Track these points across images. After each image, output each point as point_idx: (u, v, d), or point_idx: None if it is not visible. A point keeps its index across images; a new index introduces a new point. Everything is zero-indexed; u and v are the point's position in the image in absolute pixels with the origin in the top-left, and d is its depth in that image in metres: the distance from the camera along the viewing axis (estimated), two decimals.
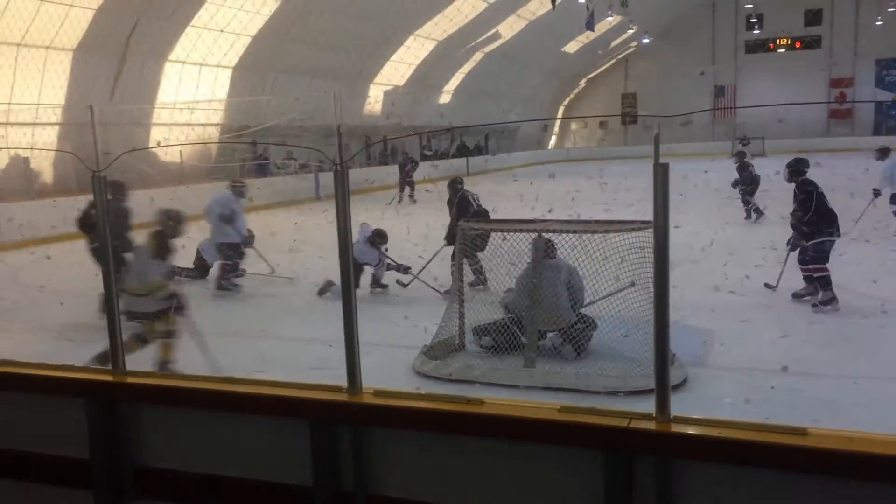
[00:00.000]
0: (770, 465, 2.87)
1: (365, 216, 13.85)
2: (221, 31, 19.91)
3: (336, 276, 3.59)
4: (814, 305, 7.37)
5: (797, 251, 7.71)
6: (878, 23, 37.33)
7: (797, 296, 7.69)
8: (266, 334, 7.22)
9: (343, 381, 3.48)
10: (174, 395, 3.57)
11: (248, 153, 21.92)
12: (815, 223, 7.48)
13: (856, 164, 17.27)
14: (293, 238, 11.82)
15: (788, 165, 8.05)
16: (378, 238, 9.03)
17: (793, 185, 7.86)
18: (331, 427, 3.34)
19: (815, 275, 7.46)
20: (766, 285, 7.93)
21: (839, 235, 7.58)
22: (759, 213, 13.78)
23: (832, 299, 7.32)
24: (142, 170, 14.38)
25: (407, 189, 20.58)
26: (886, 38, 38.16)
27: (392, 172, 21.86)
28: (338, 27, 22.17)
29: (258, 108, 21.89)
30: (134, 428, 3.62)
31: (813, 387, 5.35)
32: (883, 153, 11.85)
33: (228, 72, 21.54)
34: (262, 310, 8.50)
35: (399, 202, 19.47)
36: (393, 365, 5.96)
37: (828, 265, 7.41)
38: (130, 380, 3.67)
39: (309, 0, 20.58)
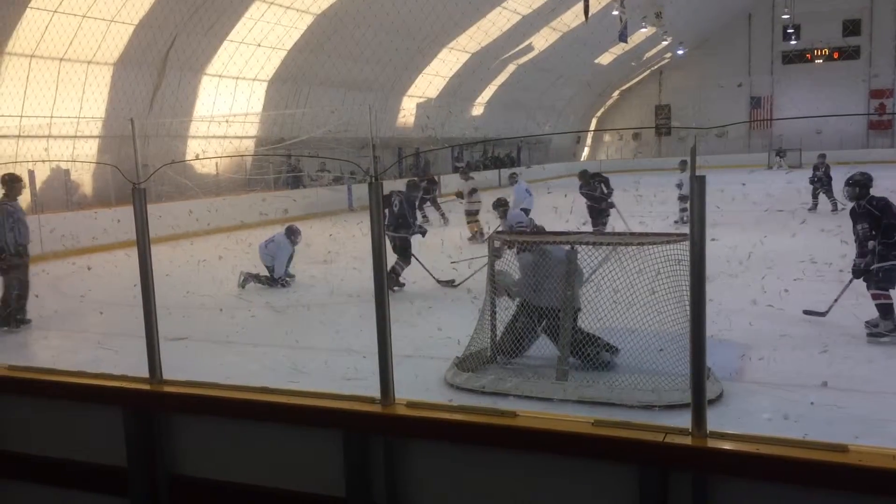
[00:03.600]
0: (809, 482, 2.82)
1: None
2: (258, 45, 20.23)
3: (369, 286, 3.61)
4: (870, 334, 6.62)
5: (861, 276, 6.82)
6: None
7: (871, 325, 6.74)
8: (300, 345, 7.27)
9: (376, 392, 3.50)
10: (210, 404, 3.62)
11: (282, 165, 22.17)
12: (890, 245, 6.62)
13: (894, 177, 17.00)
14: (327, 249, 11.92)
15: (855, 182, 7.03)
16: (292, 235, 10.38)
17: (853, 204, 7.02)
18: (364, 438, 3.36)
19: (876, 301, 6.69)
20: (811, 312, 7.18)
21: None
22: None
23: (892, 331, 6.56)
24: (180, 182, 14.64)
25: (434, 213, 18.85)
26: None
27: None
28: (372, 40, 22.39)
29: (293, 121, 22.17)
30: (170, 436, 3.67)
31: (854, 403, 5.22)
32: None
33: (264, 85, 21.87)
34: (296, 320, 8.57)
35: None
36: (425, 376, 5.95)
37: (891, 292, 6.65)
38: (167, 389, 3.73)
39: (344, 13, 20.82)
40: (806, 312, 7.17)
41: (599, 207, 13.72)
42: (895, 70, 40.08)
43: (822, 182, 17.08)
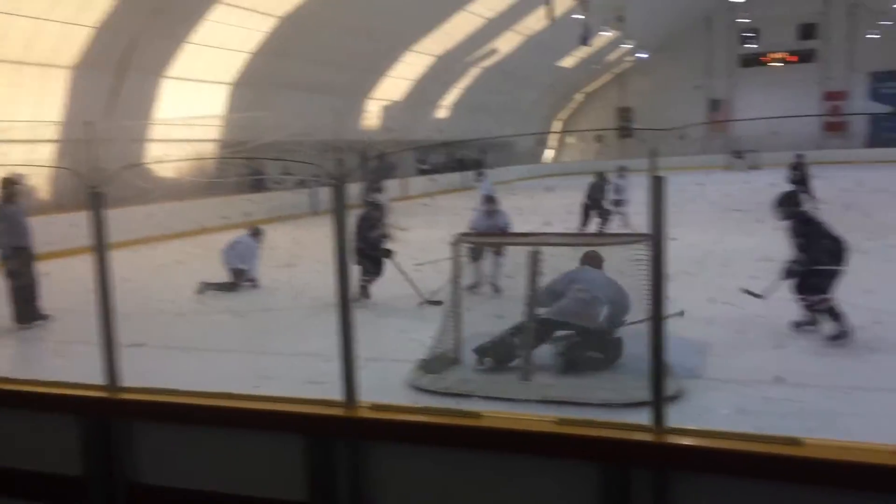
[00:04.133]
0: (765, 475, 2.87)
1: None
2: (220, 48, 20.01)
3: (330, 290, 3.60)
4: (830, 338, 6.70)
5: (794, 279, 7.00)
6: (872, 36, 37.59)
7: (798, 325, 7.02)
8: (263, 349, 7.22)
9: (340, 396, 3.48)
10: (170, 411, 3.57)
11: (245, 169, 21.95)
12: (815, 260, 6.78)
13: (849, 177, 17.41)
14: (290, 253, 11.83)
15: (781, 203, 7.22)
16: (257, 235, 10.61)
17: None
18: (327, 442, 3.34)
19: (821, 307, 6.77)
20: (749, 292, 7.34)
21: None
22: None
23: (846, 333, 6.66)
24: (139, 186, 14.42)
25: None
26: (880, 51, 38.43)
27: (392, 188, 21.72)
28: (336, 43, 22.30)
29: (256, 125, 21.96)
30: (128, 444, 3.61)
31: (808, 397, 5.36)
32: None
33: (227, 88, 21.64)
34: (259, 325, 8.51)
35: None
36: (389, 379, 5.95)
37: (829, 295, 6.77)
38: (125, 396, 3.67)
39: (308, 16, 20.71)
40: (744, 291, 7.36)
41: (606, 208, 14.21)
42: (849, 73, 41.10)
43: (800, 182, 17.05)
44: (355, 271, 8.95)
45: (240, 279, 10.52)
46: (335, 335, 3.56)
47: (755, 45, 42.26)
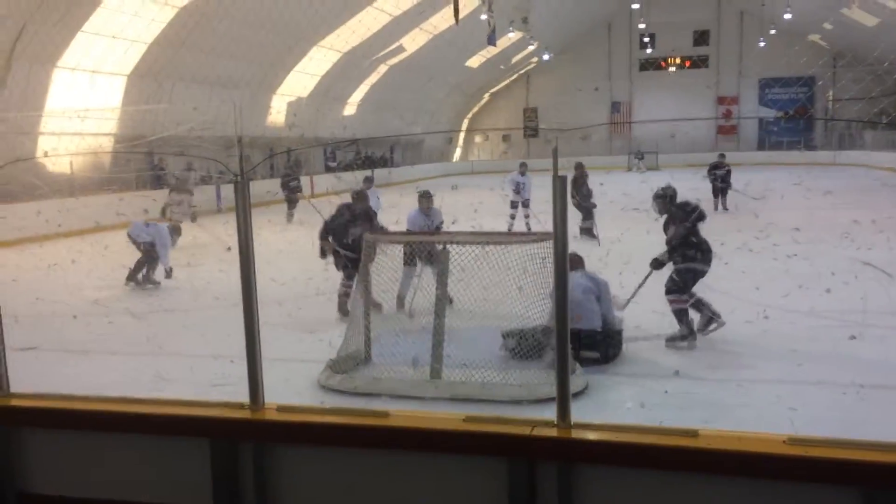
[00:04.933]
0: (664, 466, 2.99)
1: (268, 229, 13.61)
2: (114, 37, 19.17)
3: (237, 290, 3.52)
4: (668, 339, 6.77)
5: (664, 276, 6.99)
6: (761, 44, 39.72)
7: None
8: (163, 351, 6.97)
9: (245, 398, 3.41)
10: (63, 417, 3.40)
11: (144, 164, 21.13)
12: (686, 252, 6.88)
13: (740, 178, 18.35)
14: (192, 252, 11.48)
15: (660, 196, 7.31)
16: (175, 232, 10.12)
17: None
18: (232, 445, 3.26)
19: (672, 306, 6.82)
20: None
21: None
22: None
23: (686, 336, 6.74)
24: (28, 181, 13.65)
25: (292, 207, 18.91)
26: (768, 58, 40.64)
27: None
28: (239, 36, 21.74)
29: (154, 118, 21.17)
30: (19, 453, 3.42)
31: (703, 390, 5.61)
32: None
33: (123, 79, 20.75)
34: (158, 326, 8.20)
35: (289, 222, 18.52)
36: (296, 380, 5.86)
37: (686, 297, 6.83)
38: (15, 402, 3.48)
39: (209, 7, 20.09)
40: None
41: (587, 206, 13.90)
42: (739, 78, 43.29)
43: (722, 181, 17.62)
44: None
45: (151, 255, 10.04)
46: (239, 336, 3.48)
47: (653, 50, 43.92)
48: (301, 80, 27.78)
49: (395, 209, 11.31)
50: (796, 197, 18.05)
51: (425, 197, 9.30)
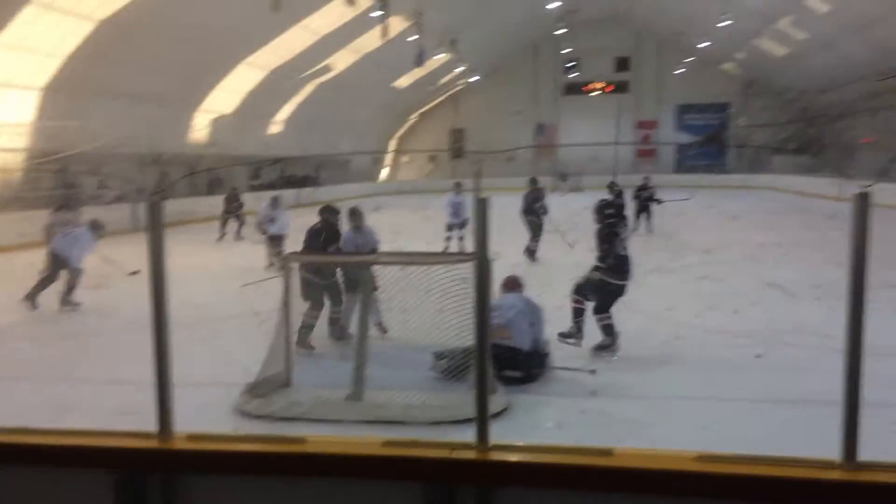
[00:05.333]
0: (581, 485, 3.01)
1: (181, 249, 13.21)
2: (30, 50, 18.44)
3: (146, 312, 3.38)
4: (560, 334, 7.16)
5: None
6: (678, 71, 41.28)
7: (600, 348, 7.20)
8: (68, 377, 6.66)
9: (154, 427, 3.27)
10: None
11: (56, 181, 20.31)
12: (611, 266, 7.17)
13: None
14: (99, 273, 10.99)
15: (601, 208, 7.64)
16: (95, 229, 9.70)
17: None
18: (139, 477, 3.12)
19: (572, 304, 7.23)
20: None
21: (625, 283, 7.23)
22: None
23: (608, 346, 7.09)
24: None
25: (233, 224, 18.98)
26: (685, 85, 42.32)
27: (216, 203, 20.93)
28: (161, 51, 21.21)
29: (70, 134, 20.40)
30: None
31: (620, 408, 5.71)
32: None
33: (37, 94, 19.95)
34: (63, 352, 7.83)
35: (219, 239, 18.25)
36: (210, 406, 5.69)
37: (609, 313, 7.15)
38: None
39: (131, 22, 19.54)
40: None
41: (540, 222, 13.58)
42: (658, 104, 44.83)
43: (647, 201, 17.36)
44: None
45: (59, 269, 9.56)
46: (149, 361, 3.35)
47: (576, 75, 45.06)
48: (226, 96, 27.31)
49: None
50: (709, 219, 18.71)
51: (355, 214, 8.61)
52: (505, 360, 6.23)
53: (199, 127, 27.11)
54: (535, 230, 13.56)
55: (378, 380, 5.96)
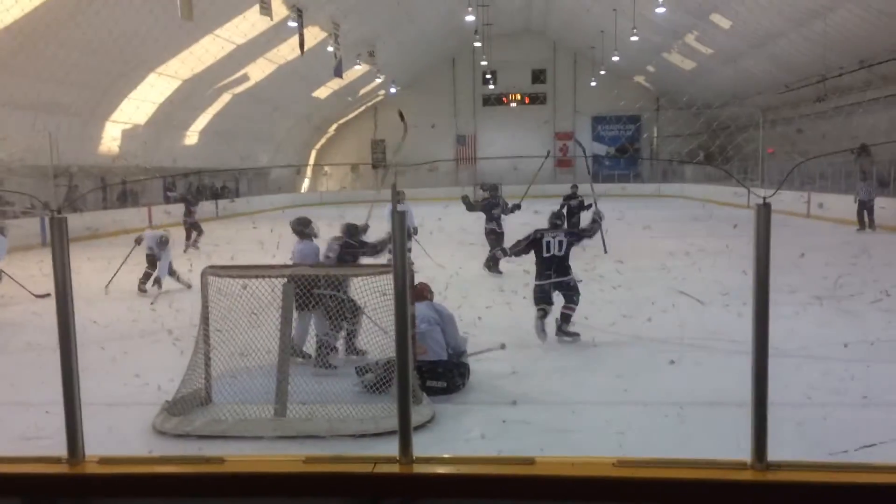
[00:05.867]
0: (503, 495, 3.04)
1: (91, 266, 12.68)
2: None
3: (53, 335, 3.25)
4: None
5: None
6: (593, 84, 42.41)
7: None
8: None
9: (63, 451, 3.14)
10: None
11: None
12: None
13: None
14: (3, 292, 10.43)
15: (556, 216, 8.76)
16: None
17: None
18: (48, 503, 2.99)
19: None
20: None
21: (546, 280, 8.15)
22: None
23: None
24: None
25: (193, 234, 18.51)
26: (600, 97, 43.51)
27: (128, 216, 20.27)
28: (68, 60, 20.36)
29: None
30: None
31: (540, 417, 5.80)
32: None
33: None
34: None
35: (185, 251, 17.32)
36: (124, 427, 5.48)
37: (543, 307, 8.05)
38: None
39: (33, 30, 18.69)
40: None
41: (500, 231, 13.40)
42: (574, 115, 45.95)
43: (576, 209, 17.74)
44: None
45: None
46: (55, 383, 3.21)
47: (495, 86, 45.73)
48: (138, 106, 26.44)
49: (229, 245, 10.90)
50: (622, 228, 19.23)
51: (302, 223, 8.28)
52: (427, 371, 6.25)
53: (112, 138, 26.18)
54: (498, 238, 13.44)
55: (301, 394, 5.87)
